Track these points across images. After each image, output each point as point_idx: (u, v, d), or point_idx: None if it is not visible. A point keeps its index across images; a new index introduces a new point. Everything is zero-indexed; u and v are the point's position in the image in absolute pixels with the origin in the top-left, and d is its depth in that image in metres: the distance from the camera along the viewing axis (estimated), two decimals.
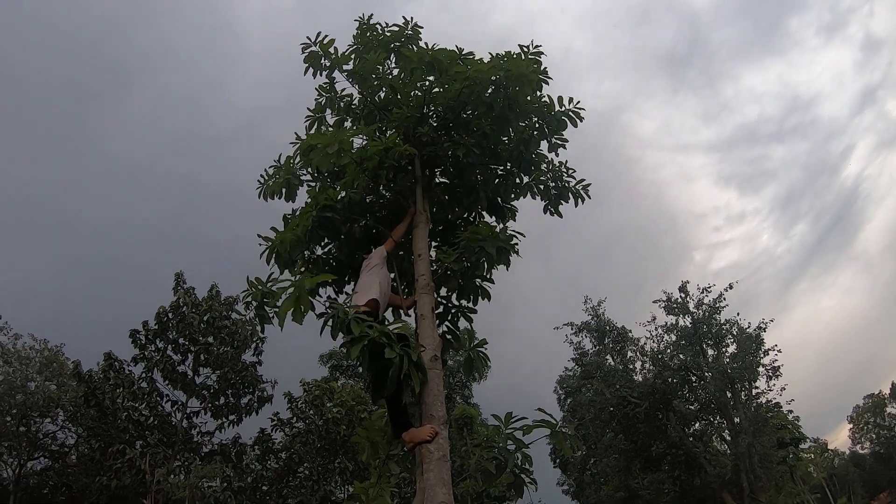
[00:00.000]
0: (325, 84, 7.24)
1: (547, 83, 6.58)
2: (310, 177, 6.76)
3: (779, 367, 27.25)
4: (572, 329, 30.90)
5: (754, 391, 27.67)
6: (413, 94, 6.67)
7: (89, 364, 20.81)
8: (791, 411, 29.92)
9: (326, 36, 6.96)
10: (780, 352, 27.40)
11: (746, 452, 25.53)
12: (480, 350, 5.85)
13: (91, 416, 20.41)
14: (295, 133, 6.69)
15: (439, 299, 6.19)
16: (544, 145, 6.86)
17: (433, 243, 6.61)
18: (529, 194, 7.07)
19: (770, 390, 27.48)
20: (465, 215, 6.99)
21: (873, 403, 56.33)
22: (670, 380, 27.42)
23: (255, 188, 6.90)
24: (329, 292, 6.28)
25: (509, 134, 6.73)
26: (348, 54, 7.16)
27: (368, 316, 4.76)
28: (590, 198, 7.08)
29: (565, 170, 7.02)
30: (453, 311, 6.37)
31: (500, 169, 6.96)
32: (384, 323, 5.48)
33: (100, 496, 20.70)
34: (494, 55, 6.37)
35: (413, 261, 5.88)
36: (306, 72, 7.14)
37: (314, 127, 7.19)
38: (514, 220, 7.03)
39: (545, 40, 6.47)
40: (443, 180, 7.02)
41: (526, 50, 6.44)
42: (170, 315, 20.55)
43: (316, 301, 5.71)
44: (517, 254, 6.09)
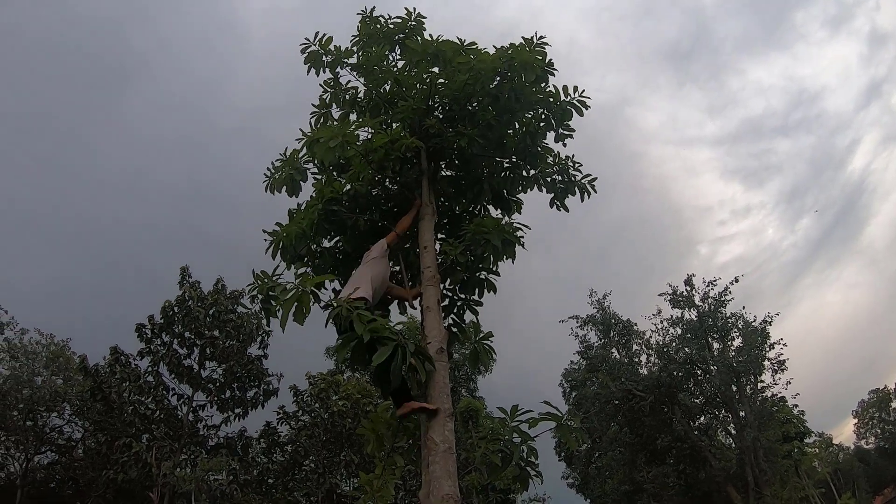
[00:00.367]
0: (329, 80, 7.22)
1: (553, 74, 6.53)
2: (315, 170, 6.74)
3: (784, 360, 27.22)
4: (578, 322, 30.86)
5: (759, 385, 27.63)
6: (418, 86, 6.64)
7: (96, 358, 20.99)
8: (796, 405, 29.89)
9: (325, 35, 6.99)
10: (785, 345, 27.34)
11: (751, 446, 25.49)
12: (486, 343, 5.86)
13: (97, 410, 20.55)
14: (300, 129, 6.69)
15: (445, 292, 6.18)
16: (550, 138, 6.83)
17: (438, 236, 6.59)
18: (536, 187, 7.05)
19: (775, 384, 27.46)
20: (470, 208, 6.96)
21: (878, 398, 56.03)
22: (676, 373, 27.38)
23: (255, 186, 6.87)
24: (336, 285, 6.26)
25: (515, 126, 6.70)
26: (351, 48, 7.15)
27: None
28: (596, 192, 7.04)
29: (572, 163, 6.98)
30: (459, 303, 6.37)
31: (506, 162, 6.93)
32: (387, 315, 5.49)
33: (106, 489, 20.87)
34: (499, 47, 6.35)
35: (419, 253, 5.87)
36: (308, 71, 7.16)
37: (319, 122, 7.17)
38: (519, 214, 6.99)
39: (549, 34, 6.41)
40: (448, 173, 7.00)
41: (530, 41, 6.38)
42: (175, 309, 20.64)
43: (321, 292, 5.71)
44: (523, 246, 6.09)
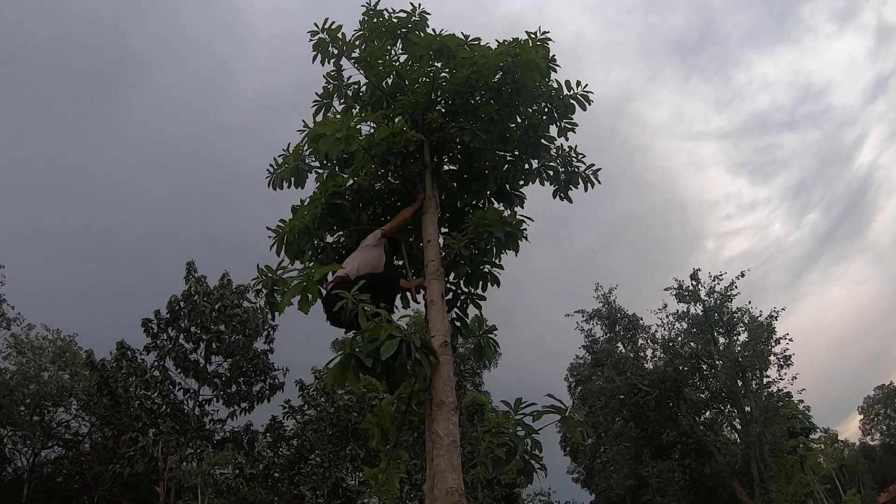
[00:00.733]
0: (332, 72, 7.19)
1: (555, 70, 6.52)
2: (318, 164, 6.74)
3: (790, 356, 27.17)
4: (583, 316, 30.84)
5: (765, 380, 27.56)
6: (421, 80, 6.62)
7: (102, 353, 21.10)
8: (802, 401, 29.84)
9: (334, 22, 6.88)
10: (791, 341, 27.30)
11: (757, 441, 25.46)
12: (490, 336, 5.84)
13: (104, 405, 20.63)
14: (303, 121, 6.67)
15: (448, 285, 6.16)
16: (553, 130, 6.81)
17: (442, 230, 6.58)
18: (539, 180, 7.03)
19: (781, 379, 27.42)
20: (473, 202, 6.95)
21: (884, 395, 55.89)
22: (681, 368, 27.33)
23: (258, 184, 6.92)
24: None
25: (517, 119, 6.67)
26: (355, 41, 7.10)
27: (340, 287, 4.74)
28: (600, 183, 7.02)
29: (574, 155, 6.96)
30: (463, 297, 6.36)
31: (508, 155, 6.91)
32: (391, 309, 5.47)
33: (113, 484, 20.99)
34: (502, 42, 6.31)
35: (422, 247, 5.86)
36: (314, 59, 7.07)
37: (321, 113, 7.15)
38: (521, 207, 6.98)
39: (555, 27, 6.42)
40: (451, 167, 6.99)
41: (533, 36, 6.37)
42: (181, 304, 20.71)
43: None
44: (526, 239, 6.07)
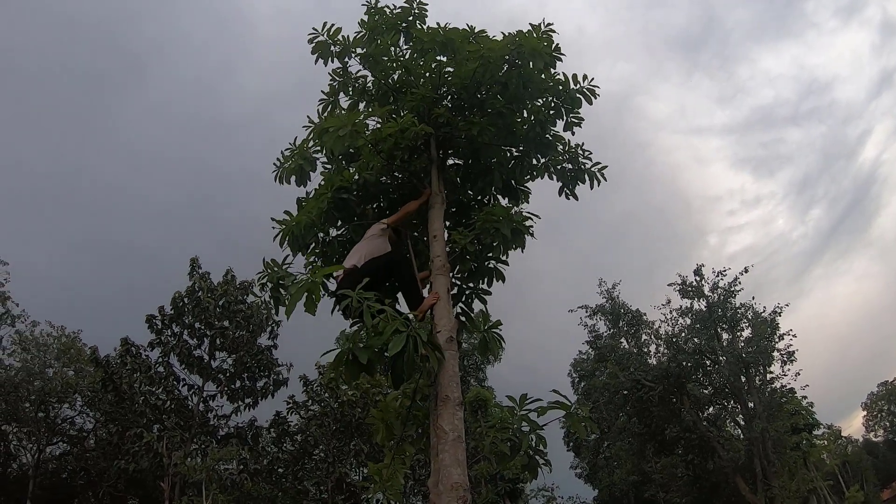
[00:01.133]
0: (337, 69, 7.20)
1: (560, 59, 6.50)
2: (324, 159, 6.74)
3: (793, 352, 27.08)
4: (587, 312, 30.79)
5: (768, 376, 27.49)
6: (427, 75, 6.62)
7: (106, 350, 21.15)
8: (805, 397, 29.77)
9: (333, 25, 6.95)
10: (794, 336, 27.20)
11: (760, 437, 25.41)
12: (495, 331, 5.84)
13: (109, 401, 20.71)
14: (308, 117, 6.68)
15: (454, 280, 6.17)
16: (560, 126, 6.80)
17: (448, 225, 6.58)
18: (546, 175, 7.03)
19: (784, 375, 27.32)
20: (479, 197, 6.95)
21: (888, 391, 55.58)
22: (685, 363, 27.27)
23: (268, 172, 6.89)
24: None
25: (524, 114, 6.67)
26: (358, 38, 7.11)
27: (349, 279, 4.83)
28: (605, 180, 7.01)
29: (581, 151, 6.95)
30: (468, 292, 6.36)
31: (515, 150, 6.90)
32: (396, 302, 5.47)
33: (118, 479, 21.10)
34: (506, 34, 6.31)
35: (428, 242, 5.86)
36: (317, 61, 7.13)
37: (328, 110, 7.16)
38: (527, 203, 6.98)
39: (557, 22, 6.38)
40: (457, 162, 6.98)
41: (538, 28, 6.36)
42: (185, 300, 20.73)
43: (329, 282, 5.73)
44: (532, 235, 6.06)
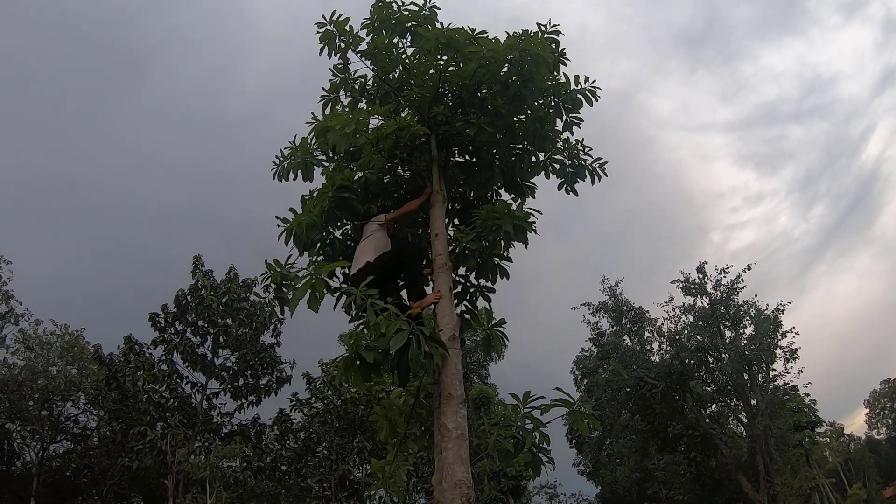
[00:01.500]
0: (339, 65, 7.17)
1: (565, 64, 6.48)
2: (325, 158, 6.73)
3: (796, 349, 26.99)
4: (590, 309, 30.68)
5: (771, 373, 27.45)
6: (428, 73, 6.59)
7: (110, 348, 21.25)
8: (808, 394, 29.61)
9: (341, 14, 6.82)
10: (797, 334, 27.11)
11: (762, 435, 25.38)
12: (499, 329, 5.85)
13: (112, 399, 20.77)
14: (311, 113, 6.67)
15: (457, 279, 6.17)
16: (559, 124, 6.78)
17: (450, 222, 6.57)
18: (545, 172, 7.01)
19: (787, 373, 27.23)
20: (481, 194, 6.93)
21: (890, 389, 55.39)
22: (687, 361, 27.24)
23: (269, 172, 6.90)
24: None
25: (525, 112, 6.64)
26: (362, 32, 7.02)
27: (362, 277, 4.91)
28: (606, 176, 7.00)
29: (581, 147, 6.94)
30: (471, 290, 6.36)
31: (516, 147, 6.87)
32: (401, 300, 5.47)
33: (121, 477, 21.17)
34: (511, 34, 6.22)
35: (430, 240, 5.86)
36: (321, 52, 7.01)
37: (328, 107, 7.14)
38: (532, 198, 6.93)
39: (559, 19, 6.32)
40: (459, 159, 6.97)
41: (543, 29, 6.28)
42: (189, 298, 20.79)
43: (332, 280, 5.73)
44: (535, 232, 6.04)
